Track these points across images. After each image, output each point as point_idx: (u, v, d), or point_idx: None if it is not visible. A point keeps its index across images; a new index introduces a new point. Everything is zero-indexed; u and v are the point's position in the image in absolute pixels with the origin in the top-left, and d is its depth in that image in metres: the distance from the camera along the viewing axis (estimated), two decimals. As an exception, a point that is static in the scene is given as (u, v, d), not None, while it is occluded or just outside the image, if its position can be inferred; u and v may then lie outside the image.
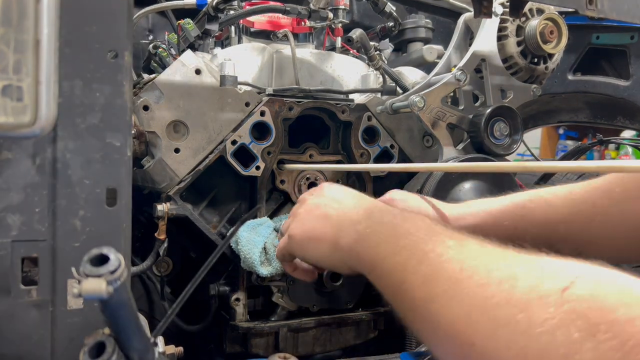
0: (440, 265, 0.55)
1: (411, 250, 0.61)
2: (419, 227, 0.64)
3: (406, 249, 0.62)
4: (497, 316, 0.46)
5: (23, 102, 0.50)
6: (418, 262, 0.59)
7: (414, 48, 1.56)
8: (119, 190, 0.69)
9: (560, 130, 5.18)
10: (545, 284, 0.45)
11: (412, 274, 0.59)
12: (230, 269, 1.19)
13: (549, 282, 0.45)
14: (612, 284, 0.43)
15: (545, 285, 0.45)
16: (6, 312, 0.65)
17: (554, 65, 1.31)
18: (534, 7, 1.24)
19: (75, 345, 0.67)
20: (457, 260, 0.54)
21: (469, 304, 0.50)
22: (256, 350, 1.14)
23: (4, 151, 0.65)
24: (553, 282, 0.45)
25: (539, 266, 0.49)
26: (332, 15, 1.32)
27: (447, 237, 0.59)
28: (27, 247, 0.66)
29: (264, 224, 1.12)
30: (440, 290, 0.53)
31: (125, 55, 0.68)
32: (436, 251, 0.57)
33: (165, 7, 1.38)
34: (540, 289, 0.45)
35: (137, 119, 1.04)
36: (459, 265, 0.53)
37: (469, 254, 0.55)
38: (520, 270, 0.48)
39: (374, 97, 1.26)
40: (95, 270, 0.48)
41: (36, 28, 0.50)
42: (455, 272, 0.53)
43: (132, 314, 0.53)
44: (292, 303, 1.14)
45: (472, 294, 0.50)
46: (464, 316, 0.50)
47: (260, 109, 1.13)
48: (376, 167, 1.15)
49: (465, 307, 0.50)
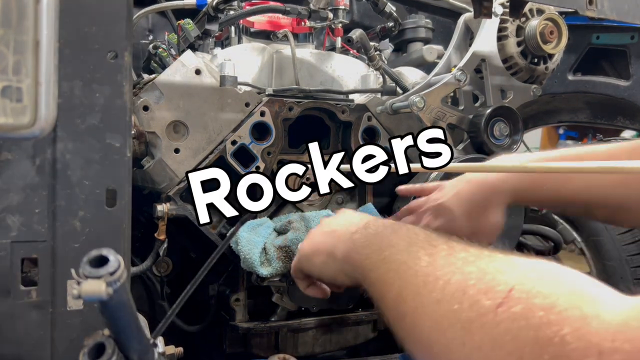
0: (409, 280, 0.56)
1: (389, 263, 0.62)
2: (401, 238, 0.65)
3: (385, 262, 0.63)
4: (449, 338, 0.48)
5: (23, 103, 0.50)
6: (394, 276, 0.60)
7: (414, 48, 1.56)
8: (118, 191, 0.69)
9: (560, 131, 5.18)
10: (483, 300, 0.45)
11: (388, 290, 0.60)
12: (230, 269, 1.19)
13: (487, 298, 0.45)
14: (547, 294, 0.42)
15: (483, 302, 0.45)
16: (6, 312, 0.65)
17: (554, 66, 1.31)
18: (534, 8, 1.24)
19: (75, 346, 0.67)
20: (422, 274, 0.55)
21: (428, 325, 0.51)
22: (256, 351, 1.14)
23: (4, 152, 0.65)
24: (491, 297, 0.45)
25: (486, 276, 0.48)
26: (332, 15, 1.32)
27: (423, 249, 0.59)
28: (27, 248, 0.66)
29: (264, 224, 1.12)
30: (408, 309, 0.55)
31: (125, 55, 0.68)
32: (408, 264, 0.58)
33: (165, 7, 1.38)
34: (480, 307, 0.45)
35: (137, 120, 1.04)
36: (423, 280, 0.54)
37: (435, 265, 0.55)
38: (470, 284, 0.49)
39: (374, 97, 1.26)
40: (95, 271, 0.48)
41: (36, 29, 0.50)
42: (419, 287, 0.54)
43: (132, 315, 0.53)
44: (292, 303, 1.14)
45: (430, 314, 0.51)
46: (425, 337, 0.51)
47: (260, 109, 1.13)
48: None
49: (425, 328, 0.51)
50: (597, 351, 0.36)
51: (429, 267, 0.55)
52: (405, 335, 0.56)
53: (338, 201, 1.27)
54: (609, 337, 0.37)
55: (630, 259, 1.75)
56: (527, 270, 0.46)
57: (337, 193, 1.27)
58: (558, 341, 0.38)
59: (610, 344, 0.36)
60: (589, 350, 0.37)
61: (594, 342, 0.37)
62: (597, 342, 0.37)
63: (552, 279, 0.45)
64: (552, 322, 0.39)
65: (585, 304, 0.40)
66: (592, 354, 0.37)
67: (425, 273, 0.54)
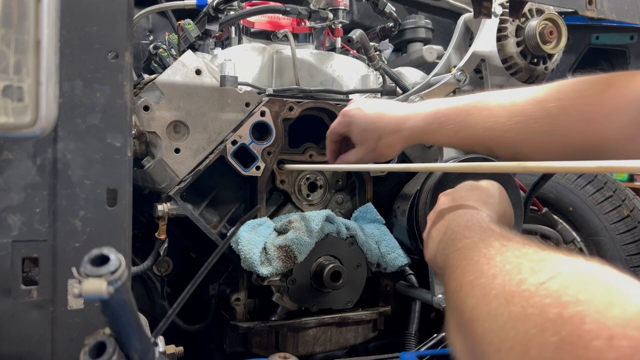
0: (475, 259, 0.60)
1: (463, 250, 0.66)
2: (476, 232, 0.69)
3: (459, 251, 0.67)
4: (492, 307, 0.50)
5: (24, 102, 0.50)
6: (463, 255, 0.64)
7: (413, 48, 1.57)
8: (119, 191, 0.70)
9: (560, 130, 5.18)
10: (530, 278, 0.48)
11: (455, 269, 0.64)
12: (231, 269, 1.19)
13: (533, 277, 0.48)
14: (584, 281, 0.45)
15: (530, 279, 0.48)
16: (7, 312, 0.65)
17: (554, 66, 1.31)
18: (533, 8, 1.24)
19: (76, 345, 0.67)
20: (490, 256, 0.59)
21: (479, 295, 0.54)
22: (256, 350, 1.14)
23: (5, 151, 0.65)
24: (538, 277, 0.48)
25: (541, 262, 0.52)
26: (332, 15, 1.32)
27: (498, 240, 0.63)
28: (28, 247, 0.66)
29: (264, 224, 1.13)
30: (466, 282, 0.59)
31: (125, 55, 0.69)
32: (479, 247, 0.63)
33: (165, 7, 1.38)
34: (524, 283, 0.48)
35: (137, 119, 1.04)
36: (487, 260, 0.58)
37: (504, 249, 0.59)
38: (525, 265, 0.52)
39: (374, 98, 1.26)
40: (96, 270, 0.48)
41: (37, 29, 0.50)
42: (482, 264, 0.58)
43: (133, 314, 0.54)
44: (292, 303, 1.14)
45: (483, 285, 0.55)
46: (473, 306, 0.54)
47: (261, 109, 1.13)
48: (376, 167, 1.15)
49: (474, 299, 0.54)
50: (608, 335, 0.38)
51: (499, 250, 0.58)
52: (457, 306, 0.58)
53: (338, 201, 1.28)
54: (622, 323, 0.38)
55: (630, 258, 1.76)
56: (581, 263, 0.49)
57: (337, 193, 1.28)
58: (577, 320, 0.40)
59: (622, 330, 0.38)
60: (602, 332, 0.38)
61: (608, 326, 0.38)
62: (611, 326, 0.38)
63: (597, 271, 0.47)
64: (578, 303, 0.41)
65: (615, 293, 0.42)
66: (603, 337, 0.38)
67: (492, 255, 0.58)
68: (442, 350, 1.07)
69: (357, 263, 1.17)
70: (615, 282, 0.44)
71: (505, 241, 0.61)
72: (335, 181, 1.26)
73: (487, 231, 0.67)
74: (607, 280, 0.44)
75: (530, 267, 0.50)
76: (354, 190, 1.29)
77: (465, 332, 0.55)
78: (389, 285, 1.26)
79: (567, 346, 0.39)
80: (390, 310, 1.25)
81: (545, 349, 0.41)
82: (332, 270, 1.11)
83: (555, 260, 0.51)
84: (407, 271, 1.27)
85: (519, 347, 0.44)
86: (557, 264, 0.49)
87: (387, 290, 1.26)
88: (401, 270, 1.24)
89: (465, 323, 0.55)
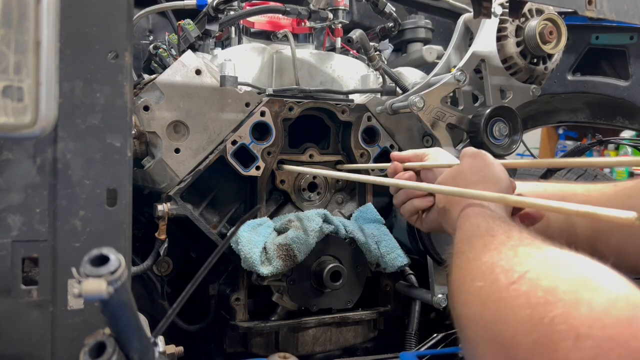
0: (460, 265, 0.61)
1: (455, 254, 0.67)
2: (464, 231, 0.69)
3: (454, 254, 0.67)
4: (472, 311, 0.51)
5: (24, 102, 0.50)
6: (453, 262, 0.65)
7: (413, 48, 1.57)
8: (119, 191, 0.70)
9: (559, 131, 5.18)
10: (502, 278, 0.49)
11: (450, 273, 0.64)
12: (231, 269, 1.19)
13: (505, 277, 0.49)
14: (553, 278, 0.45)
15: (501, 280, 0.49)
16: (7, 312, 0.66)
17: (554, 66, 1.31)
18: (533, 8, 1.24)
19: (76, 345, 0.67)
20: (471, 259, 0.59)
21: (462, 299, 0.56)
22: (256, 350, 1.14)
23: (5, 152, 0.65)
24: (509, 277, 0.48)
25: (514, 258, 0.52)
26: (332, 15, 1.32)
27: (481, 239, 0.63)
28: (28, 247, 0.66)
29: (264, 224, 1.13)
30: (454, 288, 0.60)
31: (125, 55, 0.69)
32: (464, 251, 0.63)
33: (165, 7, 1.38)
34: (497, 284, 0.49)
35: (137, 119, 1.04)
36: (468, 264, 0.59)
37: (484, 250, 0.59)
38: (500, 264, 0.52)
39: (374, 98, 1.26)
40: (96, 270, 0.48)
41: (36, 29, 0.50)
42: (463, 269, 0.59)
43: (133, 314, 0.54)
44: (292, 303, 1.14)
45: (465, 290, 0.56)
46: (459, 311, 0.55)
47: (261, 109, 1.13)
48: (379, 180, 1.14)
49: (460, 303, 0.56)
50: (575, 335, 0.38)
51: (480, 251, 0.58)
52: (453, 312, 0.59)
53: (338, 201, 1.28)
54: (588, 322, 0.38)
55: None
56: (551, 256, 0.49)
57: (337, 193, 1.28)
58: (547, 322, 0.40)
59: (587, 329, 0.38)
60: (569, 334, 0.38)
61: (574, 326, 0.39)
62: (577, 326, 0.38)
63: (567, 264, 0.46)
64: (548, 303, 0.41)
65: (584, 289, 0.41)
66: (570, 337, 0.38)
67: (472, 258, 0.58)
68: (442, 350, 1.07)
69: (356, 263, 1.17)
70: (585, 275, 0.43)
71: (488, 238, 0.60)
72: (335, 181, 1.26)
73: (474, 230, 0.67)
74: (577, 274, 0.44)
75: (502, 267, 0.50)
76: (354, 190, 1.29)
77: (461, 338, 0.56)
78: (389, 285, 1.26)
79: (539, 348, 0.40)
80: (390, 310, 1.25)
81: (519, 351, 0.42)
82: (332, 270, 1.11)
83: (525, 255, 0.51)
84: (406, 271, 1.27)
85: (499, 351, 0.44)
86: (527, 259, 0.49)
87: (387, 290, 1.26)
88: (401, 270, 1.24)
89: (460, 329, 0.56)
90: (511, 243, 0.56)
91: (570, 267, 0.45)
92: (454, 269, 0.63)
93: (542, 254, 0.50)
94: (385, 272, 1.20)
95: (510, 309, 0.44)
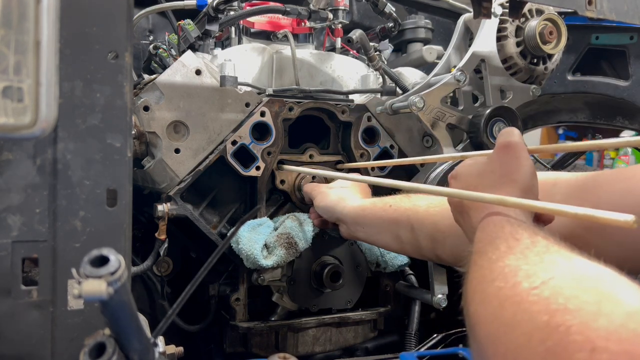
0: (482, 264, 0.61)
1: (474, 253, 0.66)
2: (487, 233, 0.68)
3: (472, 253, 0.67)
4: (489, 311, 0.51)
5: (23, 103, 0.50)
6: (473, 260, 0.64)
7: (413, 49, 1.57)
8: (119, 191, 0.70)
9: (559, 131, 5.18)
10: (523, 283, 0.48)
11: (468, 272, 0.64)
12: (231, 269, 1.19)
13: (527, 282, 0.48)
14: (575, 287, 0.44)
15: (523, 284, 0.48)
16: (7, 312, 0.66)
17: (554, 66, 1.31)
18: (533, 8, 1.24)
19: (76, 345, 0.67)
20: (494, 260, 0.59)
21: (479, 298, 0.55)
22: (256, 350, 1.14)
23: (5, 152, 0.65)
24: (531, 282, 0.47)
25: (539, 264, 0.51)
26: (332, 15, 1.32)
27: (505, 241, 0.62)
28: (28, 248, 0.66)
29: (264, 224, 1.13)
30: (471, 287, 0.60)
31: (125, 56, 0.69)
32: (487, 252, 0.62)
33: (165, 7, 1.38)
34: (518, 288, 0.48)
35: (137, 120, 1.04)
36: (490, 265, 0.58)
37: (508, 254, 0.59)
38: (523, 268, 0.52)
39: (374, 98, 1.26)
40: (96, 271, 0.48)
41: (36, 29, 0.50)
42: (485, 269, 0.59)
43: (133, 315, 0.54)
44: (292, 303, 1.14)
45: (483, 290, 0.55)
46: (475, 310, 0.55)
47: (261, 109, 1.13)
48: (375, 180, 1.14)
49: (476, 302, 0.55)
50: (591, 347, 0.37)
51: (504, 253, 0.58)
52: (465, 313, 0.59)
53: (338, 201, 1.28)
54: (605, 335, 0.37)
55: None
56: (577, 266, 0.48)
57: (337, 193, 1.27)
58: (563, 330, 0.40)
59: (604, 342, 0.37)
60: (585, 345, 0.38)
61: (591, 338, 0.38)
62: (594, 338, 0.38)
63: (592, 275, 0.46)
64: (566, 311, 0.41)
65: (605, 301, 0.41)
66: (586, 349, 0.37)
67: (495, 259, 0.58)
68: (442, 351, 1.07)
69: (356, 263, 1.17)
70: (609, 289, 0.43)
71: (513, 241, 0.60)
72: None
73: (498, 231, 0.66)
74: (601, 286, 0.44)
75: (525, 271, 0.50)
76: (354, 190, 1.29)
77: (471, 336, 0.56)
78: (389, 285, 1.26)
79: (552, 356, 0.39)
80: (390, 310, 1.25)
81: (531, 358, 0.41)
82: (331, 270, 1.11)
83: (551, 262, 0.50)
84: (406, 271, 1.27)
85: (510, 354, 0.44)
86: (552, 267, 0.49)
87: (387, 290, 1.26)
88: (401, 270, 1.24)
89: (471, 328, 0.55)
90: (537, 249, 0.56)
91: (595, 278, 0.45)
92: (473, 267, 0.62)
93: (569, 263, 0.50)
94: (385, 272, 1.20)
95: (528, 313, 0.44)
